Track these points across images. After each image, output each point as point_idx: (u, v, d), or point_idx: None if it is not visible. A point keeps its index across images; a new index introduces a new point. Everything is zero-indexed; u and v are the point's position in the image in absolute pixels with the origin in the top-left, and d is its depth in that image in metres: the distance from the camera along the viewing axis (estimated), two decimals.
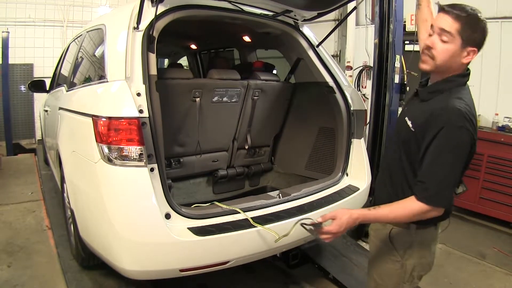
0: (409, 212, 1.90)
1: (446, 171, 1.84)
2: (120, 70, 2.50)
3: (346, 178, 3.56)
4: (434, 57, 1.92)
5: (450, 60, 1.90)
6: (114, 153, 2.36)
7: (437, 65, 1.93)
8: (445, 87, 1.95)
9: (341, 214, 1.95)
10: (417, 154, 1.94)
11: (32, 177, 6.30)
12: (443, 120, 1.82)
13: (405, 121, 2.02)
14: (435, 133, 1.83)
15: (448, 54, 1.89)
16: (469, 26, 1.84)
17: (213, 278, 3.55)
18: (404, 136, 2.02)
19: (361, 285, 3.68)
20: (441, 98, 1.92)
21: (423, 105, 1.99)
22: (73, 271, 3.34)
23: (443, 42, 1.88)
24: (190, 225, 2.52)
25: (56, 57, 6.04)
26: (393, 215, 1.93)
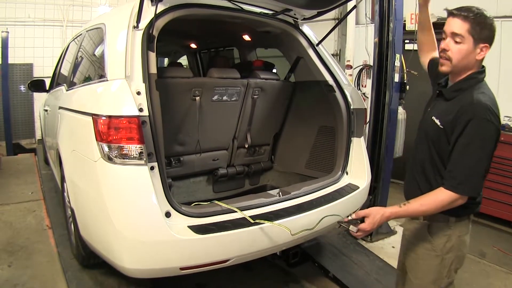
0: (438, 202, 2.01)
1: (474, 160, 1.96)
2: (120, 69, 2.51)
3: (346, 176, 3.57)
4: (450, 58, 2.05)
5: (465, 59, 2.04)
6: (114, 152, 2.36)
7: (454, 65, 2.06)
8: (467, 85, 2.08)
9: (375, 213, 2.10)
10: (447, 149, 2.06)
11: (32, 177, 6.30)
12: (471, 114, 1.95)
13: (433, 121, 2.15)
14: (464, 125, 1.96)
15: (463, 54, 2.02)
16: (477, 25, 1.97)
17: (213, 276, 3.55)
18: (433, 134, 2.14)
19: (361, 283, 3.70)
20: (466, 95, 2.04)
21: (449, 104, 2.12)
22: (73, 270, 3.35)
23: (456, 43, 2.02)
24: (190, 223, 2.52)
25: (55, 57, 6.05)
26: (424, 208, 2.06)
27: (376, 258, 4.22)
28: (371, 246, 4.57)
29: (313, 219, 2.96)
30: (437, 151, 2.14)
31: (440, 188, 2.04)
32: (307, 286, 3.78)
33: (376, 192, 4.80)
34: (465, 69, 2.09)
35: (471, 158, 1.96)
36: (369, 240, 4.77)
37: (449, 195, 1.99)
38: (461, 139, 1.97)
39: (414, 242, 2.30)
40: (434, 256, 2.19)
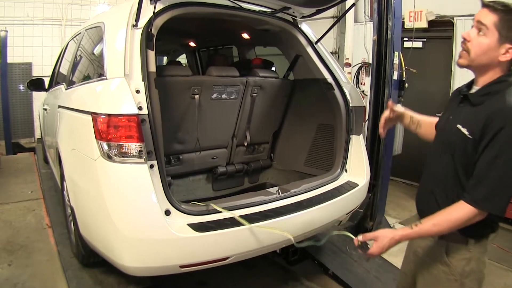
0: (454, 221, 1.80)
1: (503, 174, 1.73)
2: (119, 68, 2.51)
3: (345, 174, 3.57)
4: (469, 50, 1.84)
5: (485, 55, 1.81)
6: (114, 150, 2.36)
7: (472, 59, 1.84)
8: (497, 88, 1.82)
9: (383, 236, 1.89)
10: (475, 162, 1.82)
11: (32, 176, 6.29)
12: (502, 121, 1.71)
13: (458, 130, 1.86)
14: (494, 134, 1.72)
15: (483, 48, 1.80)
16: (507, 21, 1.75)
17: (212, 274, 3.57)
18: (459, 145, 1.86)
19: (360, 281, 3.71)
20: (496, 100, 1.79)
21: (476, 110, 1.84)
22: (73, 269, 3.34)
23: (479, 34, 1.81)
24: (190, 221, 2.52)
25: (54, 56, 6.05)
26: (437, 228, 1.84)
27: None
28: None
29: (312, 217, 2.97)
30: (463, 164, 1.86)
31: (456, 204, 1.81)
32: (306, 283, 3.79)
33: (375, 190, 4.81)
34: (487, 69, 1.84)
35: (500, 170, 1.72)
36: None
37: (468, 210, 1.76)
38: (490, 149, 1.73)
39: (429, 262, 2.05)
40: (453, 281, 1.95)
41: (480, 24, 1.80)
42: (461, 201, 1.80)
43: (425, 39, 6.72)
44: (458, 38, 6.24)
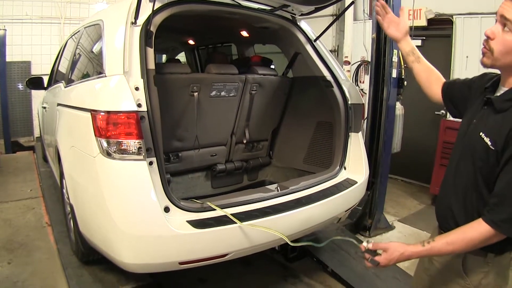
0: (469, 240, 1.66)
1: None
2: (118, 65, 2.51)
3: (344, 171, 3.57)
4: (492, 49, 1.64)
5: (510, 54, 1.61)
6: (113, 147, 2.37)
7: (496, 58, 1.64)
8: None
9: (393, 249, 1.79)
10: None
11: (31, 175, 6.30)
12: None
13: (481, 138, 1.68)
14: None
15: (508, 46, 1.59)
16: None
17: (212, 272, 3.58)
18: (481, 156, 1.68)
19: (360, 278, 3.71)
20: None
21: (501, 117, 1.64)
22: (73, 267, 3.35)
23: (504, 32, 1.60)
24: (189, 218, 2.53)
25: (53, 55, 6.05)
26: (451, 248, 1.70)
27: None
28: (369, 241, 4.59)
29: (311, 214, 2.98)
30: (483, 175, 1.68)
31: (474, 222, 1.66)
32: (306, 280, 3.80)
33: (374, 187, 4.83)
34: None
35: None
36: (368, 235, 4.79)
37: (486, 230, 1.61)
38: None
39: (445, 273, 1.92)
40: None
41: (504, 19, 1.59)
42: (479, 219, 1.65)
43: (424, 38, 6.72)
44: (457, 37, 6.26)
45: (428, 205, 6.16)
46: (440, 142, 6.01)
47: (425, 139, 6.74)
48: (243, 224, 2.56)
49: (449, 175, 1.90)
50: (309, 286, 3.74)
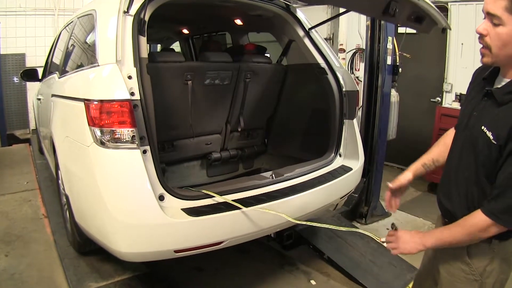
0: (468, 233, 1.68)
1: None
2: (111, 54, 2.49)
3: (339, 158, 3.59)
4: (489, 46, 1.58)
5: (508, 46, 1.55)
6: (107, 136, 2.36)
7: (495, 54, 1.58)
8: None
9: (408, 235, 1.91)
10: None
11: (27, 167, 6.30)
12: None
13: (483, 132, 1.64)
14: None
15: (504, 39, 1.53)
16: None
17: (208, 260, 3.61)
18: (483, 148, 1.65)
19: (356, 265, 3.74)
20: None
21: (503, 110, 1.60)
22: (70, 258, 3.37)
23: (494, 26, 1.54)
24: (183, 206, 2.54)
25: (48, 46, 6.02)
26: (450, 239, 1.74)
27: (370, 240, 4.23)
28: (365, 228, 4.60)
29: (306, 201, 2.99)
30: (486, 168, 1.66)
31: (477, 210, 1.66)
32: (302, 268, 3.82)
33: (370, 174, 4.84)
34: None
35: None
36: (364, 222, 4.81)
37: (484, 221, 1.61)
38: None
39: (449, 260, 1.91)
40: (473, 281, 1.82)
41: (490, 15, 1.55)
42: (478, 210, 1.65)
43: None
44: (452, 24, 6.23)
45: (424, 192, 6.18)
46: (436, 129, 6.01)
47: (421, 126, 6.75)
48: (246, 208, 2.58)
49: (450, 166, 1.89)
50: (305, 273, 3.76)
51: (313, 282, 3.64)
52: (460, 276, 1.86)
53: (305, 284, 3.61)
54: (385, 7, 2.45)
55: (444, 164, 2.03)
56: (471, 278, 1.82)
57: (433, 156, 2.13)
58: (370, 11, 3.14)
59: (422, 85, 6.77)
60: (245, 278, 3.62)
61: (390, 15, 2.47)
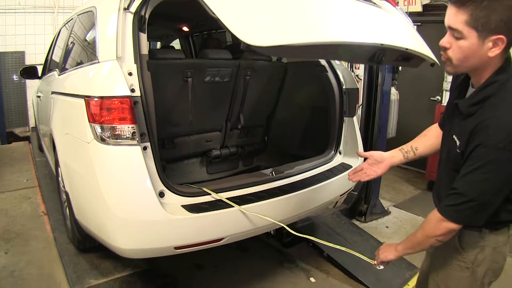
0: (424, 228, 1.82)
1: (474, 187, 1.61)
2: (111, 51, 2.49)
3: (338, 156, 3.59)
4: (450, 58, 1.63)
5: (471, 58, 1.59)
6: (107, 133, 2.36)
7: (456, 65, 1.64)
8: (489, 93, 1.61)
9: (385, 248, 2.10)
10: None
11: (27, 165, 6.31)
12: (481, 137, 1.56)
13: (454, 141, 1.74)
14: (470, 150, 1.60)
15: (464, 53, 1.58)
16: (481, 11, 1.49)
17: (208, 257, 3.61)
18: (454, 155, 1.75)
19: (355, 262, 3.73)
20: (486, 108, 1.60)
21: (467, 121, 1.66)
22: (70, 255, 3.37)
23: (456, 39, 1.58)
24: (184, 202, 2.54)
25: (47, 44, 6.00)
26: (415, 240, 1.89)
27: (370, 238, 4.26)
28: (365, 226, 4.62)
29: (306, 198, 2.99)
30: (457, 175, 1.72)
31: (434, 210, 1.79)
32: (302, 265, 3.83)
33: None
34: (481, 69, 1.64)
35: (471, 186, 1.61)
36: (363, 220, 4.82)
37: (436, 217, 1.73)
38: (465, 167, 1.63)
39: (444, 249, 1.95)
40: (464, 268, 1.87)
41: (451, 29, 1.59)
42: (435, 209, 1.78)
43: (419, 23, 6.69)
44: None
45: (423, 191, 6.18)
46: None
47: (421, 124, 6.69)
48: (240, 208, 2.58)
49: (440, 168, 1.97)
50: (305, 270, 3.76)
51: (313, 279, 3.65)
52: (453, 263, 1.92)
53: (304, 282, 3.62)
54: (370, 56, 2.46)
55: (423, 153, 2.18)
56: (463, 266, 1.88)
57: (412, 144, 2.21)
58: (355, 60, 3.17)
59: (422, 83, 6.76)
60: (245, 275, 3.62)
61: (376, 62, 2.50)
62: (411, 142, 2.22)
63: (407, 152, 2.21)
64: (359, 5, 2.57)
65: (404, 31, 2.68)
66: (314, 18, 2.16)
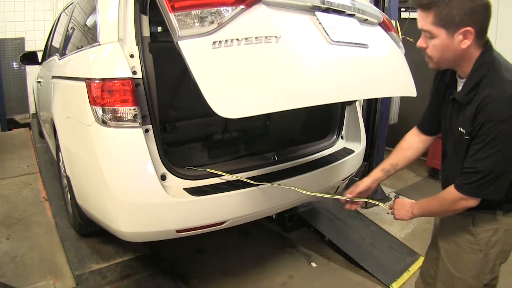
0: (440, 202, 1.92)
1: (486, 164, 1.70)
2: (113, 32, 2.47)
3: (341, 140, 3.58)
4: (431, 56, 1.81)
5: (448, 53, 1.75)
6: (108, 115, 2.34)
7: (437, 62, 1.82)
8: (478, 77, 1.73)
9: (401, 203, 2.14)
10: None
11: (28, 151, 6.28)
12: (486, 115, 1.66)
13: (460, 132, 1.84)
14: (477, 129, 1.70)
15: (439, 50, 1.76)
16: (442, 9, 1.65)
17: (210, 242, 3.62)
18: (463, 145, 1.83)
19: (356, 247, 3.75)
20: (482, 91, 1.70)
21: (468, 109, 1.77)
22: (71, 240, 3.36)
23: (429, 38, 1.76)
24: (186, 185, 2.53)
25: (47, 30, 5.98)
26: (429, 208, 2.00)
27: (371, 223, 4.26)
28: (366, 212, 4.62)
29: (308, 182, 2.97)
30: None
31: (450, 186, 1.85)
32: (303, 250, 3.84)
33: (371, 158, 4.83)
34: (460, 60, 1.78)
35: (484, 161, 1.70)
36: (364, 206, 4.81)
37: (453, 194, 1.81)
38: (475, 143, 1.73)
39: (455, 231, 2.03)
40: (477, 251, 1.94)
41: (424, 32, 1.77)
42: (451, 185, 1.85)
43: None
44: None
45: (424, 178, 6.19)
46: None
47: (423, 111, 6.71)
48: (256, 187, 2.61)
49: (446, 161, 2.09)
50: (306, 255, 3.78)
51: (314, 264, 3.67)
52: (465, 246, 1.98)
53: (305, 266, 3.63)
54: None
55: (403, 166, 2.37)
56: (476, 248, 1.95)
57: (391, 161, 2.34)
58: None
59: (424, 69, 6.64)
60: (246, 260, 3.63)
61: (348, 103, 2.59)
62: (390, 159, 2.35)
63: (388, 171, 2.35)
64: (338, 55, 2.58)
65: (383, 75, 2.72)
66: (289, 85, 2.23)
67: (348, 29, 2.73)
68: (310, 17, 2.58)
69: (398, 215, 2.13)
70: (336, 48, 2.53)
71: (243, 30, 2.13)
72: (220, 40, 2.06)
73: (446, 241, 2.10)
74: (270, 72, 2.19)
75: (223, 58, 2.07)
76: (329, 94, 2.34)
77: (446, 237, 2.11)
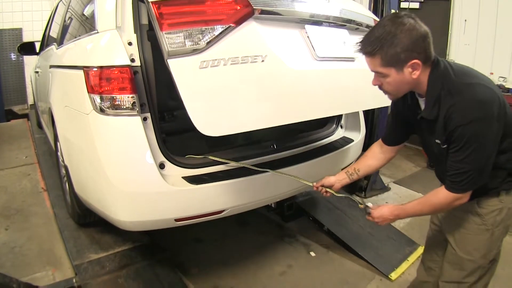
0: (433, 205, 1.98)
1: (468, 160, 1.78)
2: (111, 20, 2.45)
3: (340, 130, 3.57)
4: (387, 91, 1.92)
5: (402, 86, 1.87)
6: (107, 103, 2.33)
7: (395, 94, 1.94)
8: (435, 94, 1.83)
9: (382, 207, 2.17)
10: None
11: (26, 142, 6.28)
12: (458, 119, 1.74)
13: (437, 143, 1.92)
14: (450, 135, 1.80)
15: (393, 86, 1.86)
16: (386, 52, 1.74)
17: (208, 232, 3.61)
18: (442, 154, 1.93)
19: (355, 237, 3.75)
20: (444, 102, 1.79)
21: (437, 123, 1.86)
22: (70, 229, 3.36)
23: (383, 78, 1.84)
24: (184, 174, 2.52)
25: (45, 21, 5.95)
26: (420, 207, 2.03)
27: None
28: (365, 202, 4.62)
29: (307, 171, 2.97)
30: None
31: (437, 190, 1.95)
32: (302, 240, 3.84)
33: None
34: (416, 85, 1.87)
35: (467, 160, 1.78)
36: (363, 196, 4.82)
37: (447, 195, 1.89)
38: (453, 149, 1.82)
39: (461, 215, 2.11)
40: (484, 230, 2.04)
41: (375, 73, 1.87)
42: (439, 189, 1.94)
43: (422, 1, 6.64)
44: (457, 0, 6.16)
45: (423, 168, 6.19)
46: None
47: None
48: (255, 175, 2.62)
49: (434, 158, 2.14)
50: (305, 245, 3.77)
51: (313, 253, 3.66)
52: (473, 228, 2.08)
53: (304, 256, 3.63)
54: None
55: (365, 173, 2.50)
56: (483, 228, 2.05)
57: (355, 166, 2.47)
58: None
59: None
60: (245, 250, 3.63)
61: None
62: (355, 164, 2.50)
63: (351, 174, 2.46)
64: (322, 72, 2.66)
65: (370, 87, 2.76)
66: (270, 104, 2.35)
67: (336, 42, 2.81)
68: (300, 31, 2.66)
69: (381, 223, 2.19)
70: (321, 64, 2.62)
71: (230, 50, 2.19)
72: (207, 59, 2.11)
73: (453, 226, 2.18)
74: (253, 91, 2.27)
75: (209, 78, 2.12)
76: (310, 111, 2.51)
77: (451, 223, 2.19)
